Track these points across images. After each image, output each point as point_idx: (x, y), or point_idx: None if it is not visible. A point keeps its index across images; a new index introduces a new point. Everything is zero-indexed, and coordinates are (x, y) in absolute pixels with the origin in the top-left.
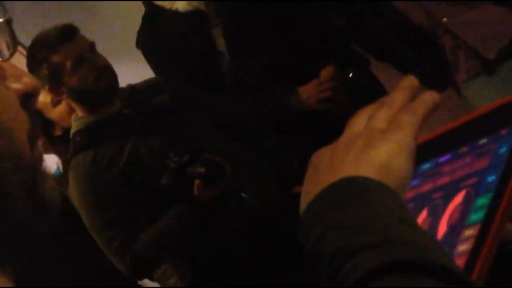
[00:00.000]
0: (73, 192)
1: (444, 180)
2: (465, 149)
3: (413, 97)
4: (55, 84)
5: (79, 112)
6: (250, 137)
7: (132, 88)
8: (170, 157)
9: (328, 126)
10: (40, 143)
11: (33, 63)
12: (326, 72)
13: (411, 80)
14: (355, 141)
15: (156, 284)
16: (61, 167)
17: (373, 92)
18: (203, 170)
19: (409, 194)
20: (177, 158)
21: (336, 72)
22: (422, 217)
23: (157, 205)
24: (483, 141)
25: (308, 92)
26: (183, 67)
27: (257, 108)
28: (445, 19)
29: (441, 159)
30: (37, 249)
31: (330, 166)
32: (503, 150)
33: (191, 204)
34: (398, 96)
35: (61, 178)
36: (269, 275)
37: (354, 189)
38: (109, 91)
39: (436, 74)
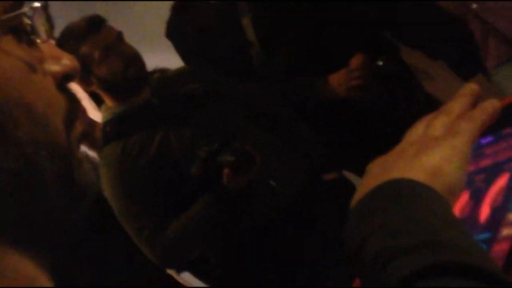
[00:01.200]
0: (103, 182)
1: (486, 162)
2: (508, 131)
3: (473, 104)
4: (85, 75)
5: (109, 102)
6: (279, 125)
7: (162, 77)
8: (200, 146)
9: (358, 114)
10: (78, 128)
11: None
12: (356, 60)
13: (471, 87)
14: (409, 148)
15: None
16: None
17: (403, 80)
18: (232, 159)
19: None
20: (207, 147)
21: (366, 60)
22: (463, 200)
23: (187, 194)
24: None
25: (338, 80)
26: (213, 57)
27: (288, 97)
28: (474, 5)
29: (484, 141)
30: (74, 236)
31: (382, 171)
32: None
33: (221, 193)
34: (456, 104)
35: None
36: (299, 263)
37: (400, 192)
38: (138, 81)
39: (466, 60)
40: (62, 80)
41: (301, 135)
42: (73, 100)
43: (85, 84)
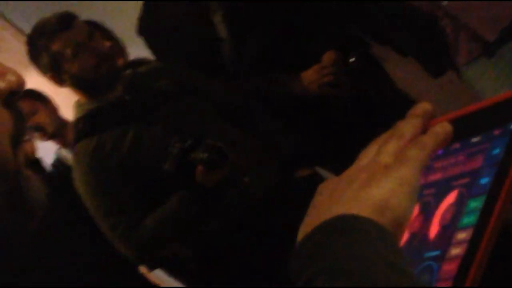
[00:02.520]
0: (76, 178)
1: (436, 176)
2: (457, 145)
3: (425, 124)
4: (56, 72)
5: (81, 99)
6: (251, 122)
7: (133, 73)
8: (173, 142)
9: (330, 110)
10: (24, 145)
11: (33, 52)
12: (328, 57)
13: (423, 107)
14: (358, 175)
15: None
16: (60, 154)
17: (375, 76)
18: (205, 155)
19: None
20: (179, 143)
21: (338, 56)
22: (414, 214)
23: (160, 190)
24: (475, 139)
25: (310, 77)
26: (184, 53)
27: (259, 93)
28: (445, 2)
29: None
30: (23, 254)
31: (330, 199)
32: (496, 151)
33: (194, 190)
34: (408, 127)
35: (59, 162)
36: (272, 260)
37: (346, 230)
38: (110, 78)
39: (436, 57)
40: (8, 97)
41: (274, 131)
42: (19, 116)
43: (58, 82)
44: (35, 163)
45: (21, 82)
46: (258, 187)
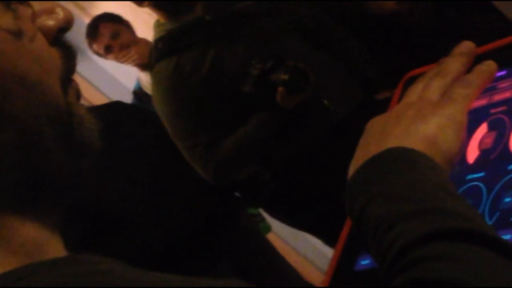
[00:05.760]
0: (155, 99)
1: (504, 95)
2: None
3: (470, 62)
4: None
5: (161, 19)
6: (333, 44)
7: None
8: (253, 63)
9: (410, 31)
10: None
11: None
12: None
13: (467, 45)
14: (407, 111)
15: None
16: (140, 81)
17: None
18: (286, 77)
19: None
20: (260, 64)
21: None
22: (482, 131)
23: (240, 112)
24: None
25: None
26: None
27: (338, 12)
28: None
29: (497, 74)
30: (77, 190)
31: (380, 135)
32: None
33: (274, 111)
34: (453, 65)
35: (140, 91)
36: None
37: (398, 161)
38: None
39: None
40: (57, 34)
41: (354, 53)
42: (69, 53)
43: (137, 1)
44: None
45: (69, 18)
46: (338, 110)
